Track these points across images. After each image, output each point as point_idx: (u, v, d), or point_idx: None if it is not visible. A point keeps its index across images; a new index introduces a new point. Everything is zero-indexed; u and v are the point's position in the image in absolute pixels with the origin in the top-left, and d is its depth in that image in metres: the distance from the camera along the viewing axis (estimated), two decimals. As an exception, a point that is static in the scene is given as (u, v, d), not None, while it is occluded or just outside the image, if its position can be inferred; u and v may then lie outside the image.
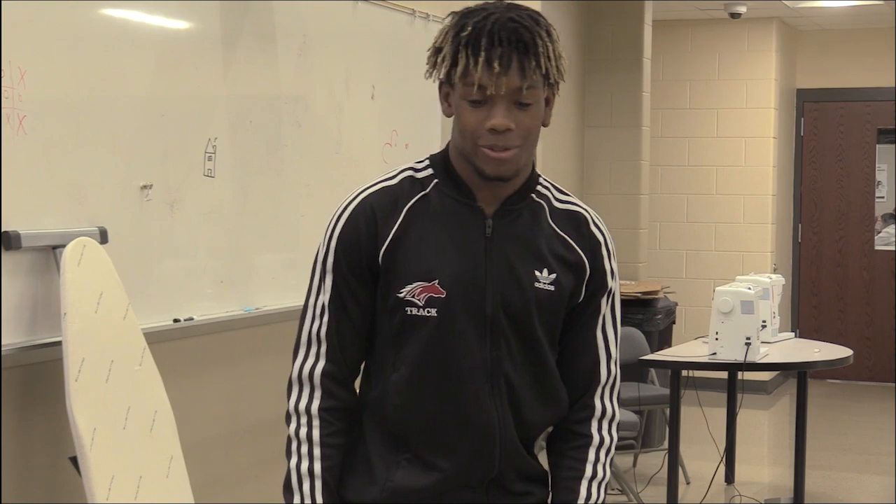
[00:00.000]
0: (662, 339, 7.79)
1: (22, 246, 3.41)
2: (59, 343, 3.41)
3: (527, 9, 2.16)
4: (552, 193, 2.27)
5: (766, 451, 8.38)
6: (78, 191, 3.65)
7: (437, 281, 2.15)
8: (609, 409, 2.28)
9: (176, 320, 4.04)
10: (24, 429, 3.56)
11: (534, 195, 2.24)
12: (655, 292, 7.90)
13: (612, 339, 2.28)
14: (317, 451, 2.18)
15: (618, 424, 2.30)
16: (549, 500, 2.30)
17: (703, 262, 9.98)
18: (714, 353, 6.15)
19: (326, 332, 2.20)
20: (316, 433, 2.18)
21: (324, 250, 2.22)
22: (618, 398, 2.31)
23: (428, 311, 2.15)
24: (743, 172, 9.98)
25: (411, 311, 2.15)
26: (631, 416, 6.56)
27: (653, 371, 7.11)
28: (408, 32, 5.51)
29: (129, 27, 3.88)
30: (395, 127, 5.11)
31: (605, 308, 2.27)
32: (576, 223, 2.25)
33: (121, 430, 3.52)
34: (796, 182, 10.68)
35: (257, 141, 4.47)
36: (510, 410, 2.19)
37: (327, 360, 2.20)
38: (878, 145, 10.55)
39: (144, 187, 3.91)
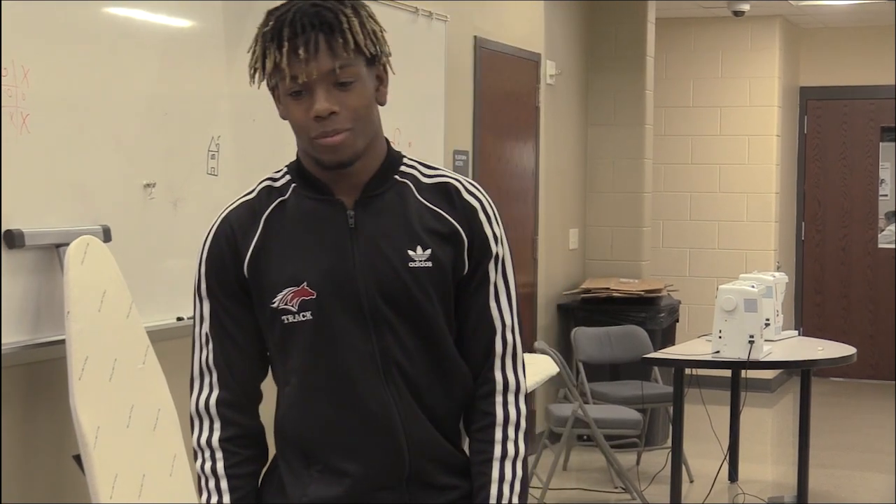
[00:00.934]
0: (666, 337, 7.80)
1: (25, 244, 3.41)
2: (62, 341, 3.42)
3: None
4: (419, 171, 2.18)
5: (769, 449, 8.38)
6: (81, 189, 3.65)
7: (305, 283, 2.08)
8: (511, 381, 2.16)
9: (179, 318, 4.05)
10: (27, 427, 3.56)
11: (397, 176, 2.16)
12: (659, 290, 7.90)
13: (505, 307, 2.17)
14: (224, 484, 2.12)
15: (524, 395, 2.17)
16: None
17: (707, 261, 9.98)
18: (717, 352, 6.15)
19: (213, 360, 2.14)
20: (220, 465, 2.12)
21: (196, 278, 2.16)
22: (522, 368, 2.19)
23: (303, 316, 2.07)
24: (746, 170, 9.98)
25: (287, 318, 2.08)
26: (634, 415, 6.56)
27: (656, 369, 7.11)
28: (410, 30, 5.51)
29: (132, 26, 3.88)
30: (398, 125, 5.11)
31: (494, 275, 2.16)
32: (446, 194, 2.15)
33: (124, 429, 3.52)
34: (799, 180, 10.68)
35: (260, 139, 4.48)
36: (411, 399, 2.10)
37: (220, 388, 2.14)
38: (881, 143, 10.54)
39: (148, 185, 3.91)
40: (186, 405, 2.18)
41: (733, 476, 6.87)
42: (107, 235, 3.68)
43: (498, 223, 2.18)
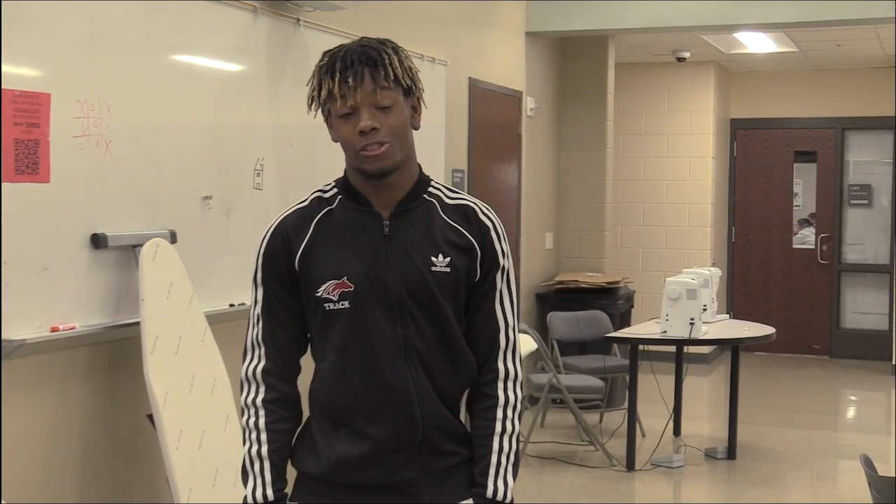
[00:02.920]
0: (623, 319, 7.79)
1: (108, 245, 3.42)
2: (138, 323, 3.42)
3: (378, 38, 2.10)
4: (444, 193, 2.15)
5: (706, 409, 8.38)
6: (153, 201, 3.65)
7: (345, 277, 2.05)
8: (511, 370, 2.14)
9: (231, 305, 4.05)
10: (110, 392, 3.57)
11: (425, 195, 2.13)
12: (617, 282, 7.89)
13: (508, 309, 2.15)
14: (264, 437, 2.08)
15: (520, 383, 2.14)
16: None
17: (656, 258, 9.97)
18: (665, 331, 6.16)
19: (262, 337, 2.11)
20: (262, 421, 2.09)
21: (254, 269, 2.15)
22: (519, 360, 2.16)
23: (342, 304, 2.05)
24: (687, 185, 9.97)
25: (329, 306, 2.06)
26: (598, 382, 6.56)
27: (615, 346, 7.11)
28: (418, 73, 5.50)
29: (194, 70, 3.88)
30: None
31: (500, 284, 2.14)
32: (465, 214, 2.13)
33: (187, 394, 3.52)
34: (730, 193, 10.67)
35: (296, 160, 4.48)
36: (425, 378, 2.07)
37: (266, 360, 2.11)
38: (795, 164, 10.54)
39: (206, 198, 3.91)
40: (238, 374, 2.15)
41: (677, 431, 6.87)
42: (173, 238, 3.68)
43: (505, 241, 2.16)
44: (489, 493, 2.11)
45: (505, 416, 2.13)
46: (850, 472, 6.18)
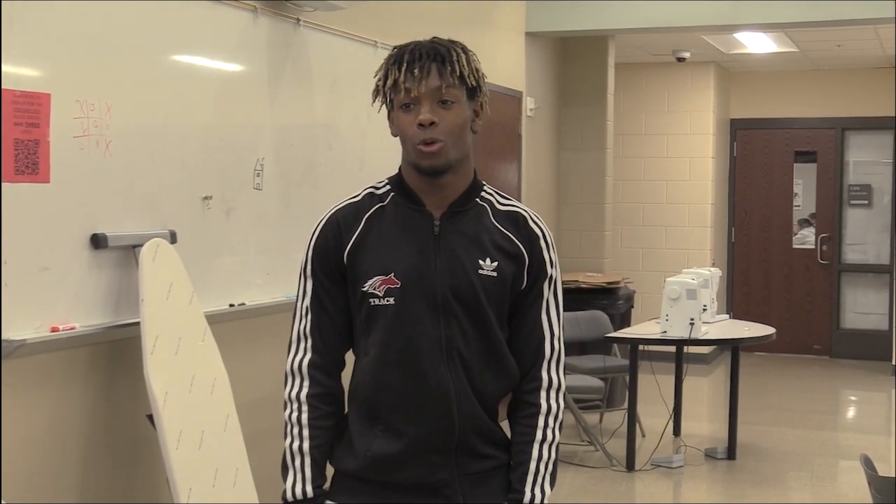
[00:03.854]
0: (623, 319, 7.79)
1: (108, 245, 3.41)
2: (138, 323, 3.42)
3: (450, 39, 2.11)
4: (495, 198, 2.16)
5: (706, 410, 8.38)
6: (153, 201, 3.65)
7: (392, 273, 2.05)
8: (555, 380, 2.14)
9: (231, 305, 4.05)
10: (110, 392, 3.56)
11: (478, 199, 2.13)
12: (618, 282, 7.89)
13: (554, 319, 2.15)
14: (306, 433, 2.09)
15: (563, 393, 2.15)
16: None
17: (656, 258, 9.97)
18: (665, 332, 6.16)
19: (310, 329, 2.12)
20: (305, 417, 2.09)
21: (304, 261, 2.14)
22: (563, 370, 2.16)
23: (387, 300, 2.05)
24: (687, 185, 9.98)
25: (374, 301, 2.06)
26: (598, 382, 6.56)
27: (615, 346, 7.11)
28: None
29: (194, 70, 3.88)
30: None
31: (547, 293, 2.14)
32: (515, 221, 2.14)
33: (187, 394, 3.52)
34: (730, 193, 10.68)
35: (297, 161, 4.48)
36: (465, 379, 2.07)
37: (313, 353, 2.11)
38: (795, 164, 10.54)
39: (206, 198, 3.91)
40: (237, 374, 2.15)
41: (677, 431, 6.87)
42: (173, 238, 3.67)
43: (554, 250, 2.16)
44: (526, 500, 2.10)
45: (546, 425, 2.13)
46: (850, 471, 6.18)
